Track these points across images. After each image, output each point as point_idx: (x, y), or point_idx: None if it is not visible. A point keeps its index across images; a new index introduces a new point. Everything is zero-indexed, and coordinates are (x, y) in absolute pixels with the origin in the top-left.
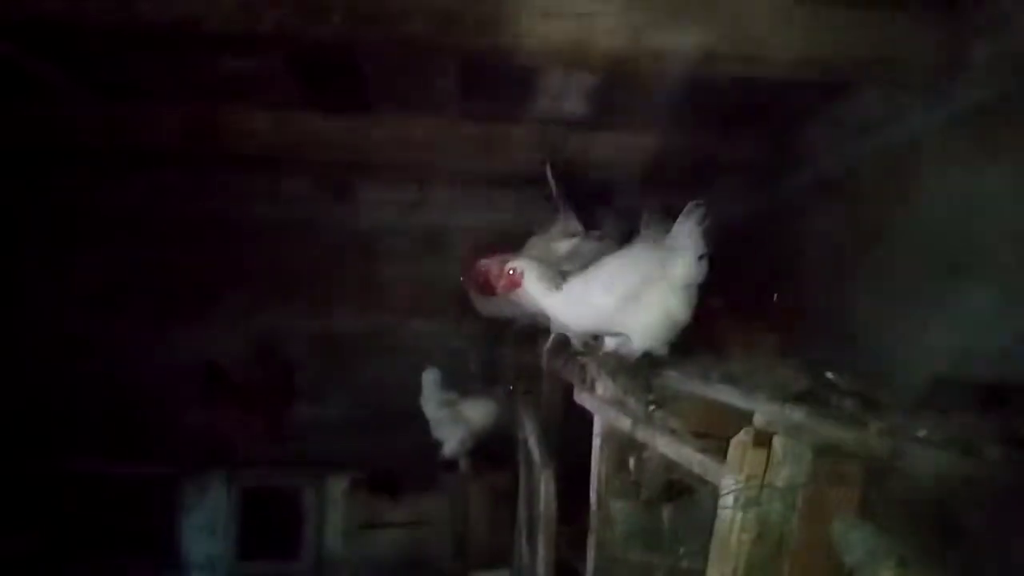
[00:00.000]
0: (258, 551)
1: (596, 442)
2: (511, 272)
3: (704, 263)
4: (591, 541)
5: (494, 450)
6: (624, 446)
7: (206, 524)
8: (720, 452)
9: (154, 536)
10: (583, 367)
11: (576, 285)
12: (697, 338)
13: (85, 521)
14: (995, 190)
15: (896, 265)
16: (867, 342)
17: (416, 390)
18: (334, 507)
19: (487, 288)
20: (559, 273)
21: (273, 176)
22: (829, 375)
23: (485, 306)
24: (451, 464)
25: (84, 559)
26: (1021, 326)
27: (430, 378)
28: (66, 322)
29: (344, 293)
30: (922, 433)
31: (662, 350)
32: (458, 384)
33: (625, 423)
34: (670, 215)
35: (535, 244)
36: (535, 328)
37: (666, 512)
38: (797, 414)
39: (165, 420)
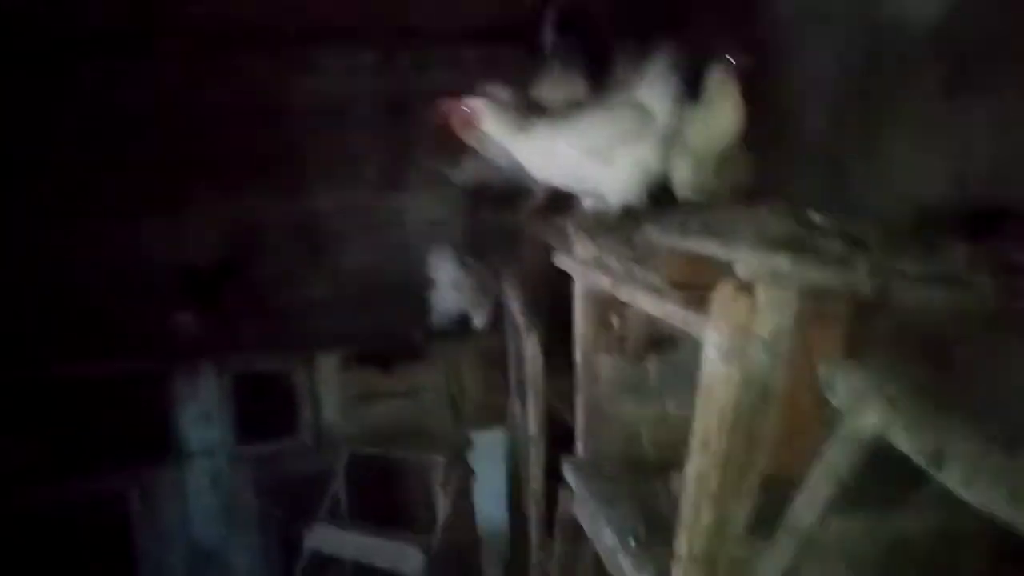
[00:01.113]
0: (256, 433)
1: (577, 303)
2: (466, 110)
3: (681, 104)
4: (579, 398)
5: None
6: (606, 304)
7: (201, 413)
8: (703, 304)
9: (150, 432)
10: (562, 229)
11: (543, 132)
12: None
13: (79, 425)
14: (995, 3)
15: (887, 89)
16: (857, 174)
17: (398, 263)
18: (327, 384)
19: (447, 131)
20: (526, 114)
21: (229, 53)
22: (814, 216)
23: (458, 174)
24: (440, 333)
25: (83, 462)
26: (1014, 146)
27: (434, 248)
28: (33, 225)
29: (315, 172)
30: (908, 268)
31: (641, 202)
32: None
33: (605, 282)
34: (644, 57)
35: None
36: (513, 192)
37: (651, 364)
38: (780, 261)
39: (145, 318)
